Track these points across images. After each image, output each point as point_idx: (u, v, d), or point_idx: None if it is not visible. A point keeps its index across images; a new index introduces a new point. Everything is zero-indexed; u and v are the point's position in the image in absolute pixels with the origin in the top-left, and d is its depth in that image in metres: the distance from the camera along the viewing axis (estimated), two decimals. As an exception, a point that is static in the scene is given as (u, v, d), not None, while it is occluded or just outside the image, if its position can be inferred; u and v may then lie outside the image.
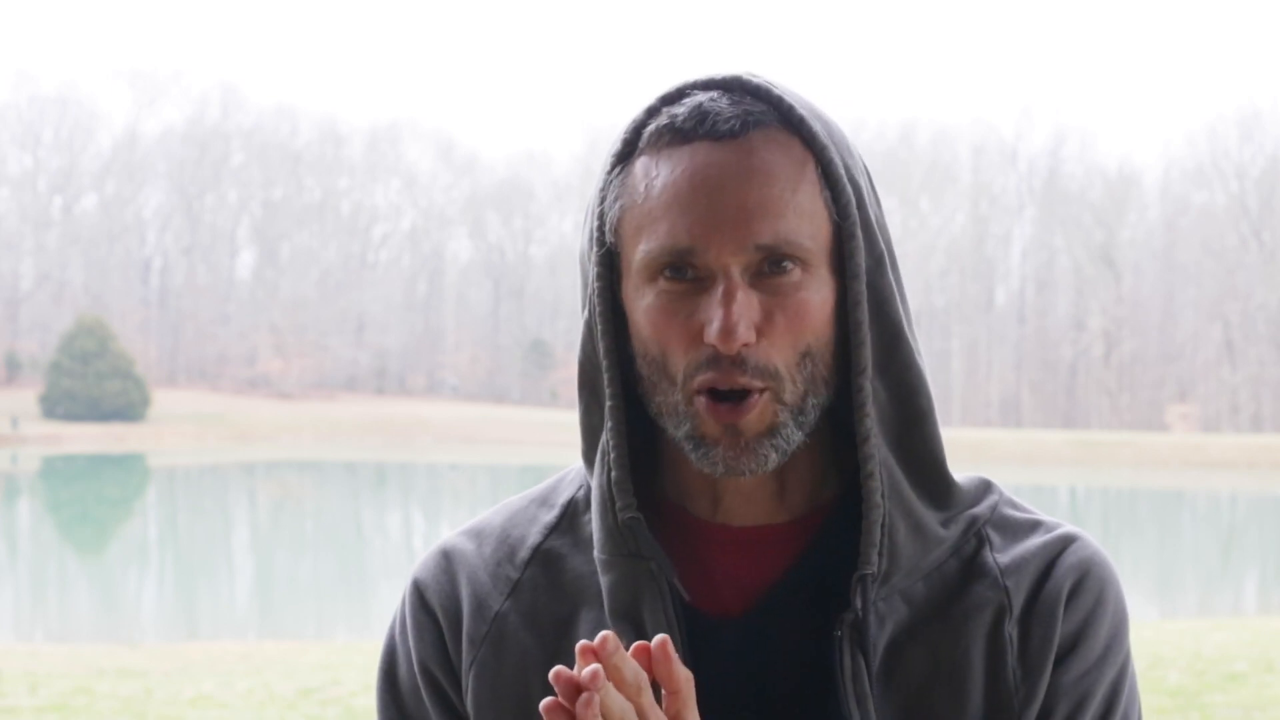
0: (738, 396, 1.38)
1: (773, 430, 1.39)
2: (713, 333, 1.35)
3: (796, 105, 1.40)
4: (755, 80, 1.41)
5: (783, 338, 1.38)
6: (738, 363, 1.37)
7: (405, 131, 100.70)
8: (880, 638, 1.43)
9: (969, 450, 58.82)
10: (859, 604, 1.41)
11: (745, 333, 1.35)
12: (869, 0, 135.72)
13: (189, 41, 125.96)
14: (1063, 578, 1.47)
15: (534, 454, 57.96)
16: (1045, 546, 1.48)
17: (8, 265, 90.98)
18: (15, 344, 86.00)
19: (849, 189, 1.40)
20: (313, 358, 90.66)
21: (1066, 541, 1.49)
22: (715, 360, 1.37)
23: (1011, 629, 1.45)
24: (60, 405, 71.41)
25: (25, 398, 74.68)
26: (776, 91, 1.41)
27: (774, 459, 1.39)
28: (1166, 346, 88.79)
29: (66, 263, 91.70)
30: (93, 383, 71.09)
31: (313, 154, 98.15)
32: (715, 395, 1.38)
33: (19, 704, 10.50)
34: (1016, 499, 1.54)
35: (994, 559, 1.47)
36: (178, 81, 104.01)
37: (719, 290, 1.36)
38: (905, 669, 1.44)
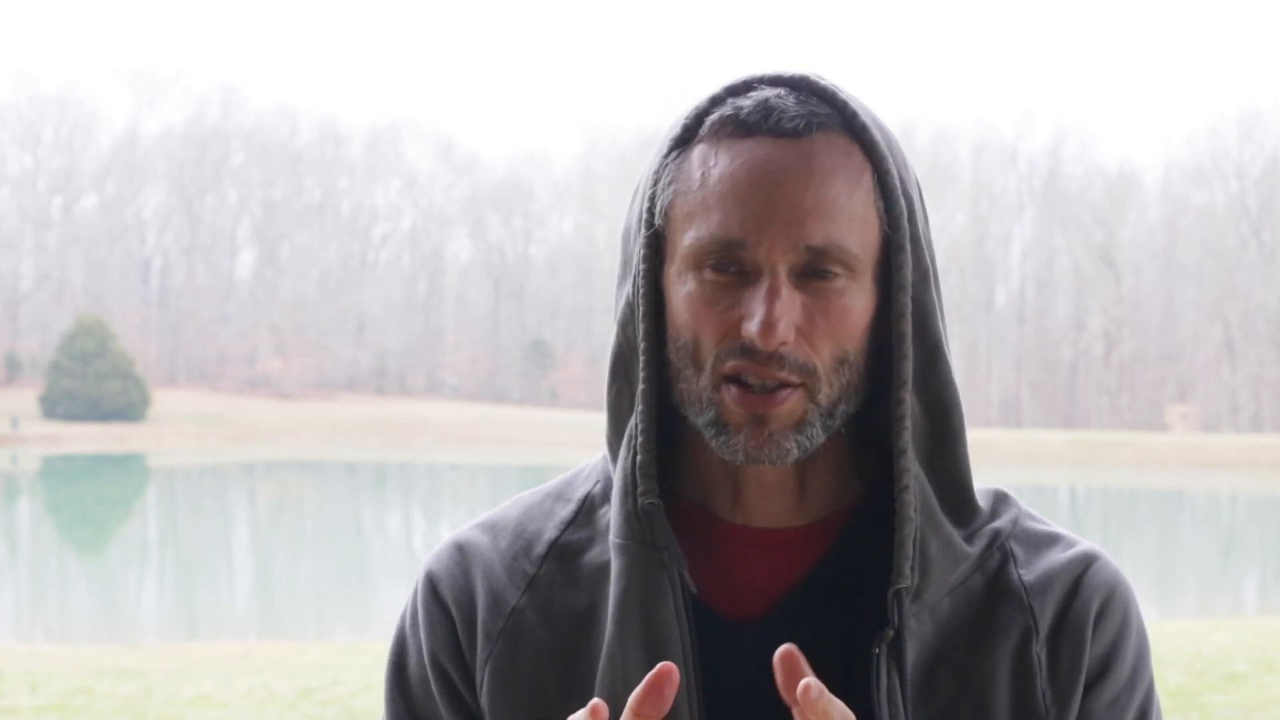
0: (770, 389, 1.37)
1: (799, 425, 1.38)
2: (753, 327, 1.34)
3: (860, 113, 1.40)
4: (822, 82, 1.41)
5: (822, 341, 1.37)
6: (775, 359, 1.36)
7: (405, 131, 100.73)
8: (911, 656, 1.42)
9: (969, 450, 58.70)
10: (896, 620, 1.40)
11: (785, 331, 1.35)
12: (870, 1, 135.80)
13: (189, 41, 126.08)
14: (1089, 598, 1.46)
15: (534, 454, 57.93)
16: (1069, 564, 1.47)
17: (8, 265, 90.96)
18: (15, 344, 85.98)
19: (902, 201, 1.40)
20: (313, 358, 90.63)
21: (1089, 560, 1.48)
22: (749, 352, 1.36)
23: (1040, 650, 1.44)
24: (60, 405, 71.36)
25: (25, 398, 74.65)
26: (842, 96, 1.40)
27: (795, 453, 1.38)
28: (1166, 346, 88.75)
29: (66, 263, 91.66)
30: (93, 383, 71.05)
31: (313, 154, 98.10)
32: (745, 386, 1.37)
33: (19, 704, 10.49)
34: (1032, 510, 1.53)
35: (1019, 576, 1.46)
36: (178, 81, 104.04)
37: (763, 286, 1.35)
38: (932, 689, 1.42)
